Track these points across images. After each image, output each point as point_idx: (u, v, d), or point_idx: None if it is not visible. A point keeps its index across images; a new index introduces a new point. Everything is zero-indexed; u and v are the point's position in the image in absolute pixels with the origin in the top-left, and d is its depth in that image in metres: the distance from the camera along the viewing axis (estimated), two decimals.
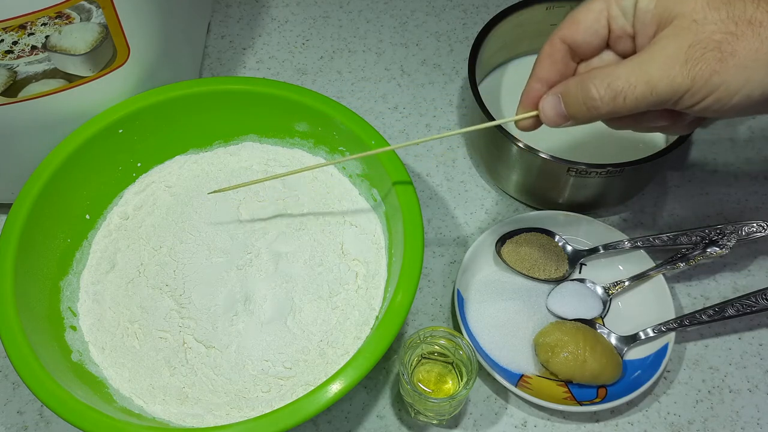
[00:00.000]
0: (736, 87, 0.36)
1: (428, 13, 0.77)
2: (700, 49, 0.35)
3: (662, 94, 0.36)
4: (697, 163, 0.65)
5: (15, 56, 0.47)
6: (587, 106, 0.39)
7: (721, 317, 0.53)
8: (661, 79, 0.36)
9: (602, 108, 0.38)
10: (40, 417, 0.52)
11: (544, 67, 0.42)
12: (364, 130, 0.54)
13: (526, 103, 0.43)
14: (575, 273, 0.58)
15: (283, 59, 0.73)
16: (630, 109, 0.38)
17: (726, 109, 0.37)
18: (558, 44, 0.42)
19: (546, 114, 0.41)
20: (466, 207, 0.63)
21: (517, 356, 0.53)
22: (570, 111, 0.40)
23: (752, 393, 0.54)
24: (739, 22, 0.35)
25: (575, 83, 0.39)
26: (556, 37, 0.42)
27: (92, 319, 0.52)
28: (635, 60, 0.37)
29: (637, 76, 0.37)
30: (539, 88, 0.42)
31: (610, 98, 0.38)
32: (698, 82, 0.36)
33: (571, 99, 0.39)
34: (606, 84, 0.38)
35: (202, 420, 0.47)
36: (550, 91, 0.41)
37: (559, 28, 0.42)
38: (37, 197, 0.50)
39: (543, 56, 0.42)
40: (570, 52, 0.42)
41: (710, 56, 0.35)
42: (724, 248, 0.55)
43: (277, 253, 0.54)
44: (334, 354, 0.50)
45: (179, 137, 0.58)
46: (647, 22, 0.38)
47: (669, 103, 0.37)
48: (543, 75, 0.42)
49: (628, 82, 0.37)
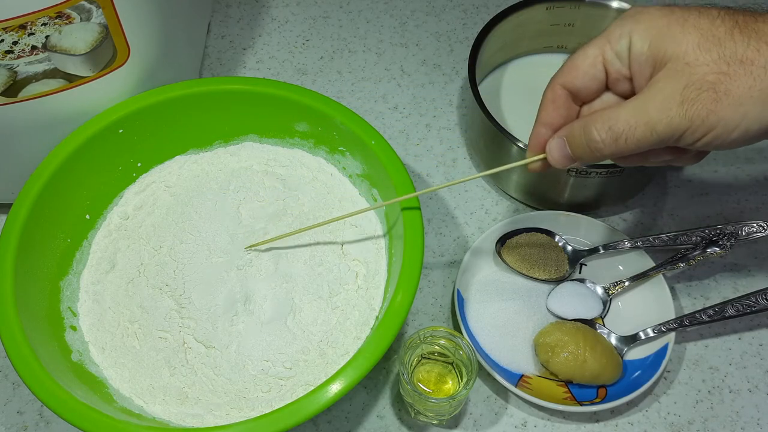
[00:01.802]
0: (734, 124, 0.37)
1: (428, 13, 0.77)
2: (695, 90, 0.36)
3: (662, 134, 0.38)
4: (697, 163, 0.65)
5: (15, 56, 0.47)
6: (590, 149, 0.40)
7: (721, 317, 0.53)
8: (660, 120, 0.37)
9: (605, 150, 0.39)
10: (40, 417, 0.52)
11: (548, 113, 0.43)
12: (364, 130, 0.54)
13: (534, 147, 0.44)
14: (575, 273, 0.58)
15: (283, 59, 0.73)
16: (632, 149, 0.39)
17: (726, 143, 0.38)
18: (559, 90, 0.43)
19: (553, 156, 0.43)
20: (466, 207, 0.63)
21: (517, 356, 0.53)
22: (575, 153, 0.41)
23: (752, 393, 0.54)
24: (731, 62, 0.36)
25: (578, 127, 0.40)
26: (556, 84, 0.43)
27: (92, 319, 0.52)
28: (634, 102, 0.38)
29: (637, 118, 0.38)
30: (545, 132, 0.44)
31: (612, 140, 0.39)
32: (696, 121, 0.37)
33: (576, 142, 0.41)
34: (607, 127, 0.39)
35: (202, 420, 0.47)
36: (556, 135, 0.42)
37: (559, 74, 0.43)
38: (37, 197, 0.50)
39: (546, 102, 0.44)
40: (571, 96, 0.43)
41: (705, 96, 0.36)
42: (724, 248, 0.55)
43: (277, 253, 0.54)
44: (334, 354, 0.50)
45: (179, 137, 0.58)
46: (642, 64, 0.39)
47: (670, 141, 0.38)
48: (547, 120, 0.43)
49: (628, 125, 0.38)
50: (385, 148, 0.53)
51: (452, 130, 0.68)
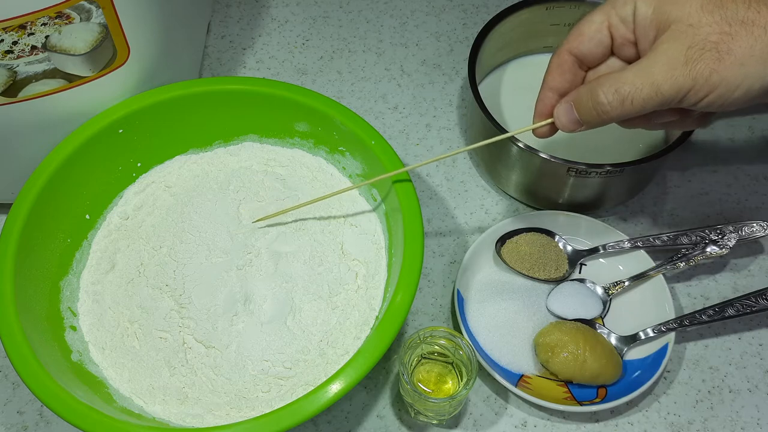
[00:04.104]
0: (736, 83, 0.38)
1: (428, 13, 0.77)
2: (698, 50, 0.38)
3: (666, 94, 0.39)
4: (697, 163, 0.65)
5: (15, 56, 0.47)
6: (597, 111, 0.41)
7: (721, 317, 0.53)
8: (664, 81, 0.38)
9: (612, 112, 0.41)
10: (40, 417, 0.52)
11: (554, 77, 0.45)
12: (364, 130, 0.54)
13: (541, 112, 0.46)
14: (575, 273, 0.58)
15: (283, 59, 0.73)
16: (638, 111, 0.40)
17: (728, 103, 0.39)
18: (565, 56, 0.44)
19: (560, 121, 0.44)
20: (466, 207, 0.63)
21: (517, 356, 0.53)
22: (582, 117, 0.42)
23: (752, 393, 0.54)
24: (733, 23, 0.38)
25: (585, 91, 0.42)
26: (563, 50, 0.44)
27: (92, 319, 0.52)
28: (639, 65, 0.40)
29: (642, 79, 0.39)
30: (551, 97, 0.45)
31: (618, 102, 0.40)
32: (699, 80, 0.38)
33: (583, 105, 0.42)
34: (614, 90, 0.40)
35: (202, 420, 0.47)
36: (563, 100, 0.44)
37: (565, 40, 0.44)
38: (37, 197, 0.50)
39: (552, 67, 0.45)
40: (577, 62, 0.45)
41: (708, 56, 0.38)
42: (724, 248, 0.55)
43: (277, 253, 0.54)
44: (334, 354, 0.50)
45: (179, 137, 0.58)
46: (647, 28, 0.41)
47: (674, 102, 0.39)
48: (554, 85, 0.45)
49: (634, 86, 0.39)
50: (385, 148, 0.53)
51: (452, 130, 0.68)
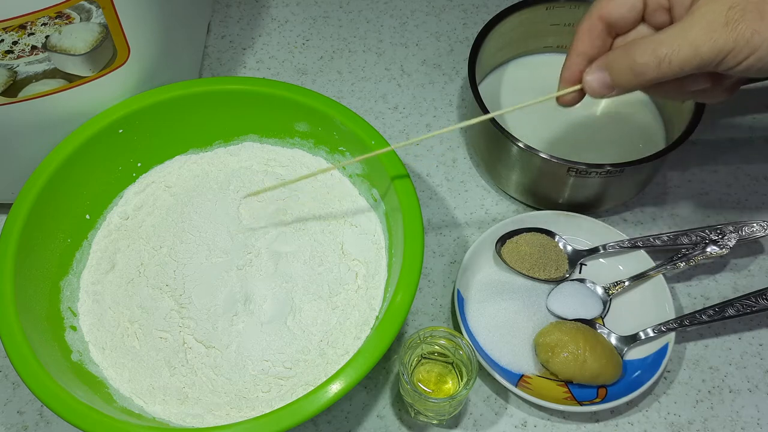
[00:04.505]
0: None
1: (428, 13, 0.77)
2: (739, 10, 0.37)
3: (706, 56, 0.38)
4: (697, 163, 0.65)
5: (15, 56, 0.47)
6: (634, 73, 0.40)
7: (721, 317, 0.53)
8: (704, 42, 0.37)
9: (649, 74, 0.39)
10: (40, 417, 0.52)
11: (583, 42, 0.44)
12: (364, 130, 0.54)
13: (568, 78, 0.44)
14: (575, 273, 0.58)
15: (283, 59, 0.73)
16: (675, 73, 0.39)
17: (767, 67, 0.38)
18: (596, 21, 0.43)
19: (591, 86, 0.42)
20: (466, 207, 0.63)
21: (517, 356, 0.53)
22: (616, 80, 0.41)
23: (752, 393, 0.54)
24: None
25: (620, 52, 0.41)
26: (593, 14, 0.43)
27: (92, 319, 0.52)
28: (677, 27, 0.39)
29: (680, 41, 0.38)
30: (580, 63, 0.44)
31: (656, 64, 0.39)
32: (740, 42, 0.37)
33: (618, 67, 0.41)
34: (651, 50, 0.39)
35: (202, 420, 0.47)
36: (594, 64, 0.42)
37: (596, 5, 0.43)
38: (37, 197, 0.50)
39: (582, 32, 0.44)
40: (607, 29, 0.43)
41: (750, 17, 0.37)
42: (724, 248, 0.55)
43: (277, 253, 0.54)
44: (334, 354, 0.50)
45: (179, 137, 0.58)
46: None
47: (712, 65, 0.38)
48: (583, 49, 0.44)
49: (671, 48, 0.38)
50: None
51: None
